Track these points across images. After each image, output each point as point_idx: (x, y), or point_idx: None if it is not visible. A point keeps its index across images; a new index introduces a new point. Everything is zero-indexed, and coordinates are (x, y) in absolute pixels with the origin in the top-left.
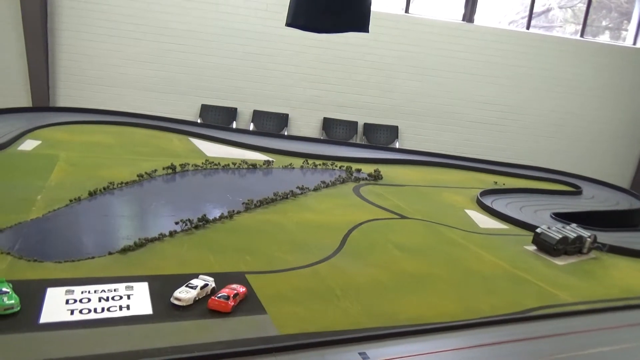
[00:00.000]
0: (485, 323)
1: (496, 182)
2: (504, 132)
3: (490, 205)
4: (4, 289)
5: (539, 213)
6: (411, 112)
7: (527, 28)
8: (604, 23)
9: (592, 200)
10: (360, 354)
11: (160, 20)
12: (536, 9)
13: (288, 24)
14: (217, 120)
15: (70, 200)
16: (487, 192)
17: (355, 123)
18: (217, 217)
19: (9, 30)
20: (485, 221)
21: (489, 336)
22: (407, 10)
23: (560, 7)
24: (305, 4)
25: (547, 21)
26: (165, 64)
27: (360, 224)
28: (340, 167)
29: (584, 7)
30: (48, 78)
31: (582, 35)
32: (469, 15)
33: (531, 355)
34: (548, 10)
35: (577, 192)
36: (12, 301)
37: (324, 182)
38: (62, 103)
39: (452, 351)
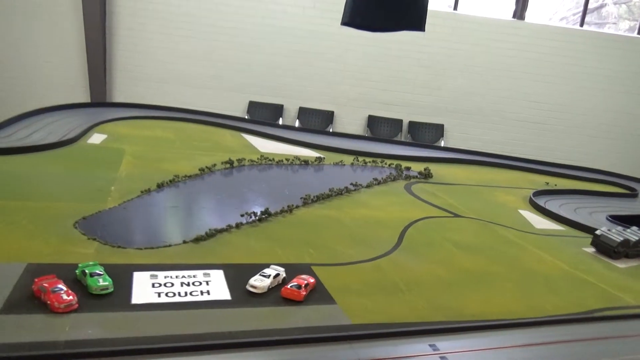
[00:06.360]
0: (552, 321)
1: (548, 183)
2: (553, 131)
3: (543, 206)
4: (98, 271)
5: (595, 215)
6: (458, 110)
7: (581, 25)
8: None
9: None
10: (430, 345)
11: (211, 18)
12: (589, 5)
13: (344, 23)
14: (263, 116)
15: (142, 192)
16: (539, 193)
17: (400, 121)
18: (278, 211)
19: (71, 30)
20: (540, 222)
21: (555, 334)
22: (455, 8)
23: (615, 3)
24: (362, 3)
25: (599, 18)
26: (215, 61)
27: (416, 221)
28: (389, 165)
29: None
30: (105, 75)
31: (639, 33)
32: (519, 12)
33: (599, 354)
34: (602, 6)
35: (632, 194)
36: (107, 283)
37: (376, 179)
38: (117, 99)
39: (521, 347)
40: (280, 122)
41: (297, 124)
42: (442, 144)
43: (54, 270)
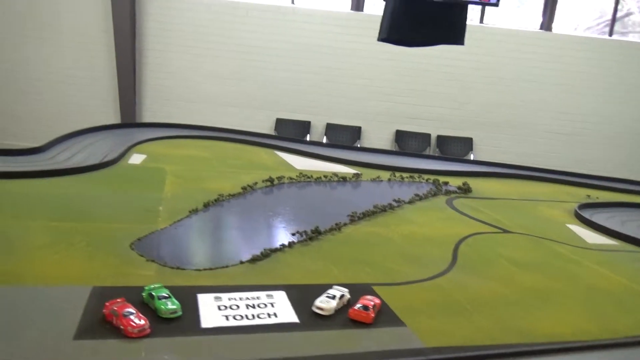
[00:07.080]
0: (633, 343)
1: (589, 196)
2: (584, 142)
3: (591, 220)
4: (164, 294)
5: None
6: (486, 123)
7: (610, 35)
8: None
9: None
10: None
11: (238, 37)
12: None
13: (382, 39)
14: (291, 133)
15: (190, 211)
16: (583, 206)
17: (429, 135)
18: (328, 229)
19: (102, 52)
20: (591, 236)
21: (634, 357)
22: (481, 21)
23: None
24: (401, 19)
25: (622, 26)
26: (242, 79)
27: (466, 237)
28: (427, 180)
29: None
30: (135, 95)
31: None
32: (547, 24)
33: None
34: (627, 15)
35: None
36: (175, 306)
37: (417, 195)
38: (146, 119)
39: None
40: (308, 138)
41: (324, 140)
42: (472, 157)
43: (119, 293)
